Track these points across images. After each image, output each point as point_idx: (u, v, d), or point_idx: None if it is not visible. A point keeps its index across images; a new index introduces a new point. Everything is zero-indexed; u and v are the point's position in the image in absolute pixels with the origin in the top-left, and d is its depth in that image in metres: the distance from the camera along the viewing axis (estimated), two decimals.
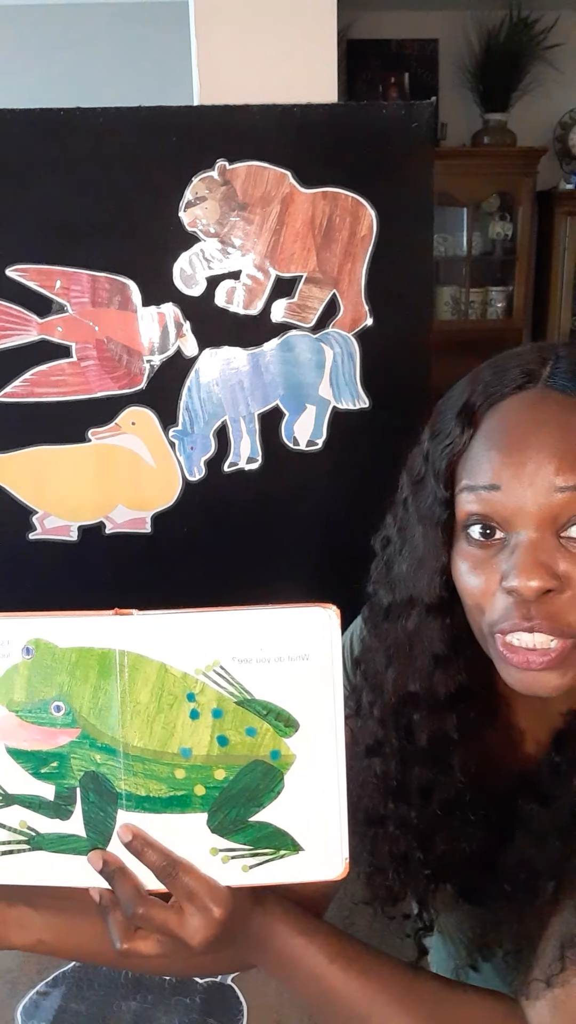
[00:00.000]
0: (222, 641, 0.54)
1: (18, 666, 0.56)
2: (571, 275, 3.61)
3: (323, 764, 0.54)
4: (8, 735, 0.56)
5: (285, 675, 0.54)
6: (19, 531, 1.64)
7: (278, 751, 0.54)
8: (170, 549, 1.65)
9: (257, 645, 0.54)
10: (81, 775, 0.56)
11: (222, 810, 0.55)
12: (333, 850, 0.55)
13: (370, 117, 1.56)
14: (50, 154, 1.50)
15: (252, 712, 0.54)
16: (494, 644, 0.58)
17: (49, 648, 0.56)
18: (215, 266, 1.55)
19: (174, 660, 0.54)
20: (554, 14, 3.45)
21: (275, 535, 1.63)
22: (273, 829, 0.55)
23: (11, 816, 0.57)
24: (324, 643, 0.54)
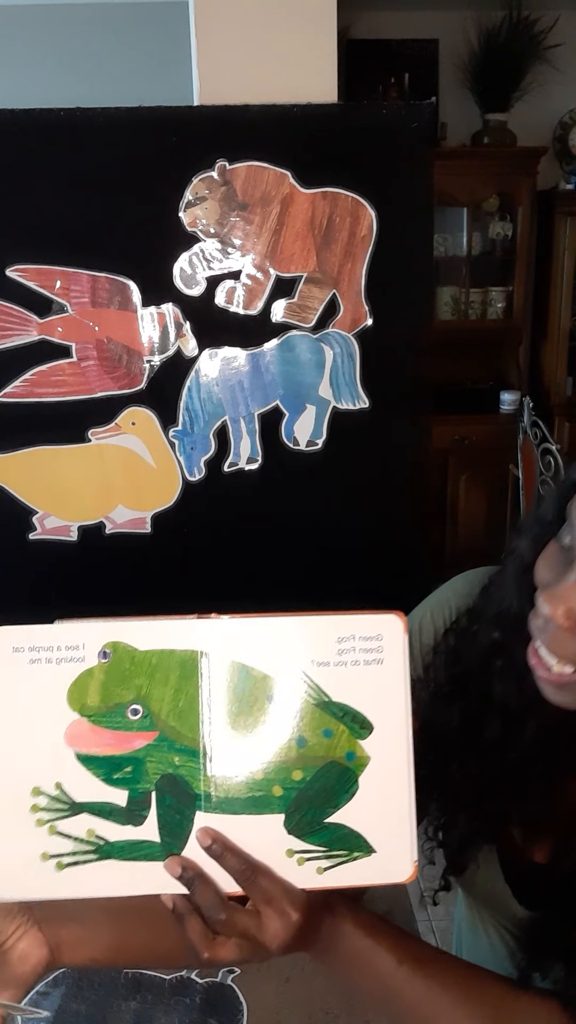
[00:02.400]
0: (302, 645, 0.55)
1: (93, 670, 0.56)
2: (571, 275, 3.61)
3: (396, 765, 0.56)
4: (79, 741, 0.56)
5: (360, 678, 0.55)
6: (19, 531, 1.64)
7: (353, 752, 0.55)
8: (170, 549, 1.65)
9: (335, 649, 0.55)
10: (157, 778, 0.55)
11: (299, 811, 0.56)
12: (404, 852, 0.56)
13: (370, 117, 1.57)
14: (50, 154, 1.50)
15: (329, 714, 0.55)
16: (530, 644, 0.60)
17: (128, 651, 0.56)
18: (215, 266, 1.55)
19: (255, 662, 0.55)
20: (554, 14, 3.44)
21: (275, 535, 1.63)
22: (347, 831, 0.56)
23: (78, 826, 0.56)
24: (397, 647, 0.55)
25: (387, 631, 0.55)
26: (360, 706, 0.55)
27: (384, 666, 0.55)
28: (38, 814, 0.56)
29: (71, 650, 0.56)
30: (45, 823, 0.56)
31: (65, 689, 0.56)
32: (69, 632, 0.56)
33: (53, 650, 0.56)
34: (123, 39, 3.23)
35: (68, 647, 0.56)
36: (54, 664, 0.56)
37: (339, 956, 0.62)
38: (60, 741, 0.56)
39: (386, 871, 0.56)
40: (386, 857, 0.56)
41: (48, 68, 3.24)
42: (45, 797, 0.56)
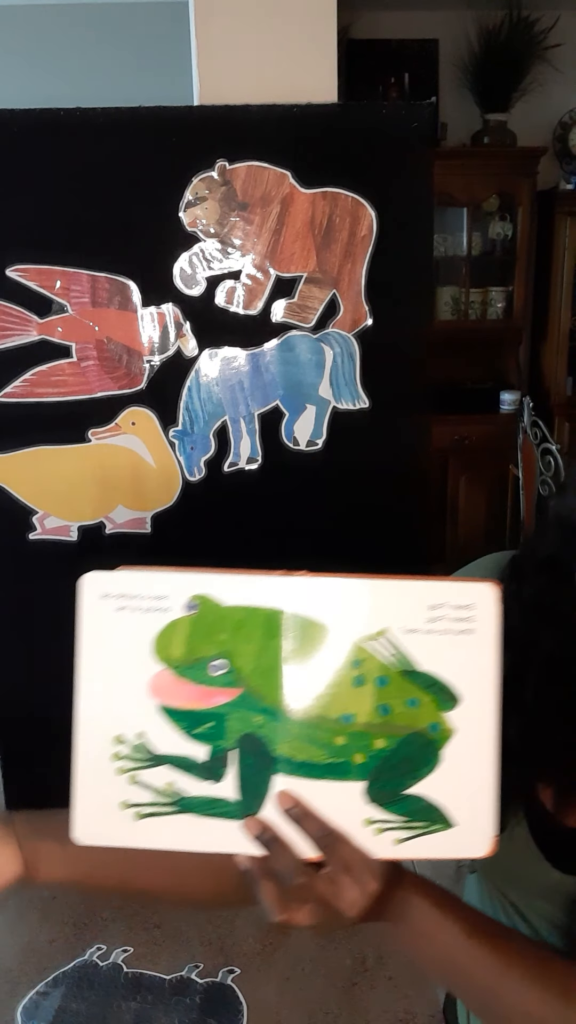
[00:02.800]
0: (391, 610, 0.54)
1: (179, 622, 0.55)
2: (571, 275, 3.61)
3: (481, 739, 0.54)
4: (163, 693, 0.55)
5: (450, 648, 0.54)
6: (19, 531, 1.64)
7: (437, 724, 0.54)
8: (170, 549, 1.65)
9: (425, 616, 0.54)
10: (238, 737, 0.55)
11: (379, 780, 0.55)
12: (483, 827, 0.55)
13: (370, 117, 1.57)
14: (50, 154, 1.50)
15: (415, 683, 0.54)
16: None
17: (213, 605, 0.55)
18: (215, 266, 1.55)
19: (342, 625, 0.54)
20: (554, 14, 3.45)
21: (275, 535, 1.63)
22: (427, 803, 0.55)
23: (158, 777, 0.55)
24: (490, 618, 0.54)
25: (480, 600, 0.54)
26: (448, 677, 0.54)
27: (475, 636, 0.54)
28: (119, 762, 0.56)
29: (158, 599, 0.55)
30: (126, 772, 0.56)
31: (152, 638, 0.55)
32: (157, 581, 0.56)
33: (141, 599, 0.56)
34: (123, 39, 3.23)
35: (156, 596, 0.56)
36: (141, 613, 0.55)
37: (408, 927, 0.61)
38: (144, 691, 0.55)
39: (464, 845, 0.55)
40: (465, 831, 0.55)
41: (48, 68, 3.24)
42: (127, 746, 0.56)
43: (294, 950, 1.11)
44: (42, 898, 1.22)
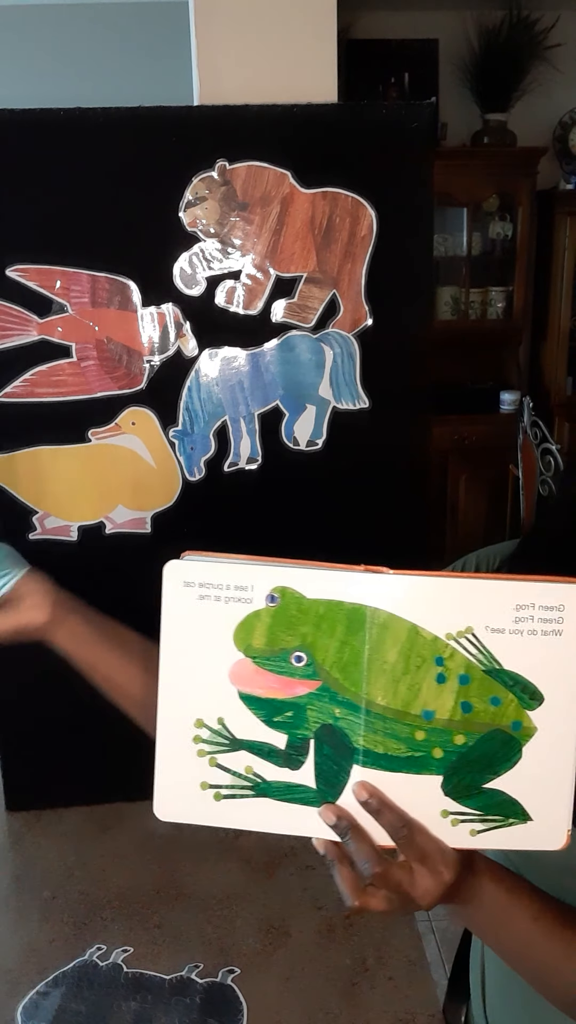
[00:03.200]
0: (477, 608, 0.54)
1: (260, 613, 0.55)
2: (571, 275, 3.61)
3: (563, 738, 0.55)
4: (243, 681, 0.56)
5: (536, 648, 0.54)
6: (19, 531, 1.64)
7: (520, 722, 0.55)
8: (170, 549, 1.65)
9: (512, 616, 0.54)
10: (317, 727, 0.56)
11: (458, 774, 0.56)
12: (560, 821, 0.56)
13: (370, 117, 1.57)
14: (50, 154, 1.50)
15: (499, 682, 0.54)
16: None
17: (296, 598, 0.55)
18: (215, 266, 1.55)
19: (426, 622, 0.54)
20: (554, 14, 3.45)
21: (275, 535, 1.63)
22: (505, 798, 0.56)
23: (237, 761, 0.57)
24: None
25: (571, 602, 0.53)
26: (532, 676, 0.54)
27: (562, 638, 0.54)
28: (200, 745, 0.57)
29: (240, 590, 0.56)
30: (206, 754, 0.57)
31: (232, 628, 0.56)
32: (239, 572, 0.56)
33: (223, 588, 0.56)
34: (123, 39, 3.23)
35: (237, 587, 0.56)
36: (223, 602, 0.56)
37: (479, 912, 0.63)
38: (224, 678, 0.56)
39: (540, 838, 0.56)
40: (541, 826, 0.56)
41: (48, 68, 3.24)
42: (207, 730, 0.57)
43: (294, 950, 1.11)
44: (42, 898, 1.23)
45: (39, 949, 1.12)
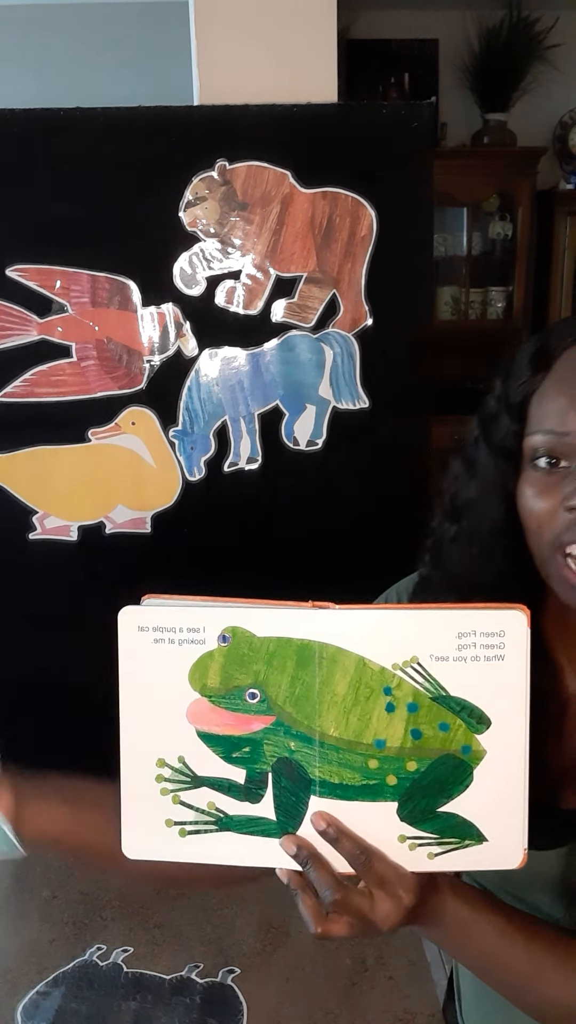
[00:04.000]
0: (420, 638, 0.56)
1: (213, 653, 0.57)
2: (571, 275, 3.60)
3: (512, 759, 0.56)
4: (200, 719, 0.58)
5: (480, 674, 0.56)
6: (19, 531, 1.64)
7: (469, 746, 0.56)
8: (170, 549, 1.65)
9: (454, 644, 0.56)
10: (274, 760, 0.57)
11: (412, 800, 0.57)
12: (515, 841, 0.57)
13: (370, 117, 1.57)
14: (50, 154, 1.50)
15: (446, 708, 0.56)
16: (554, 561, 0.62)
17: (246, 636, 0.57)
18: (215, 266, 1.55)
19: (373, 654, 0.56)
20: (554, 14, 3.44)
21: (275, 535, 1.63)
22: (460, 820, 0.57)
23: (199, 797, 0.59)
24: (520, 644, 0.55)
25: (510, 627, 0.55)
26: (478, 701, 0.56)
27: (505, 662, 0.55)
28: (163, 784, 0.59)
29: (192, 632, 0.58)
30: (169, 792, 0.59)
31: (187, 669, 0.58)
32: (191, 614, 0.58)
33: (176, 631, 0.58)
34: (123, 39, 3.23)
35: (190, 629, 0.58)
36: (176, 644, 0.58)
37: (443, 929, 0.64)
38: (182, 718, 0.58)
39: (496, 858, 0.58)
40: (497, 845, 0.57)
41: (48, 68, 3.24)
42: (169, 768, 0.59)
43: (294, 950, 1.11)
44: (42, 898, 1.22)
45: (39, 949, 1.12)
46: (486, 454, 0.72)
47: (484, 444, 0.72)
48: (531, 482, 0.64)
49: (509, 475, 0.68)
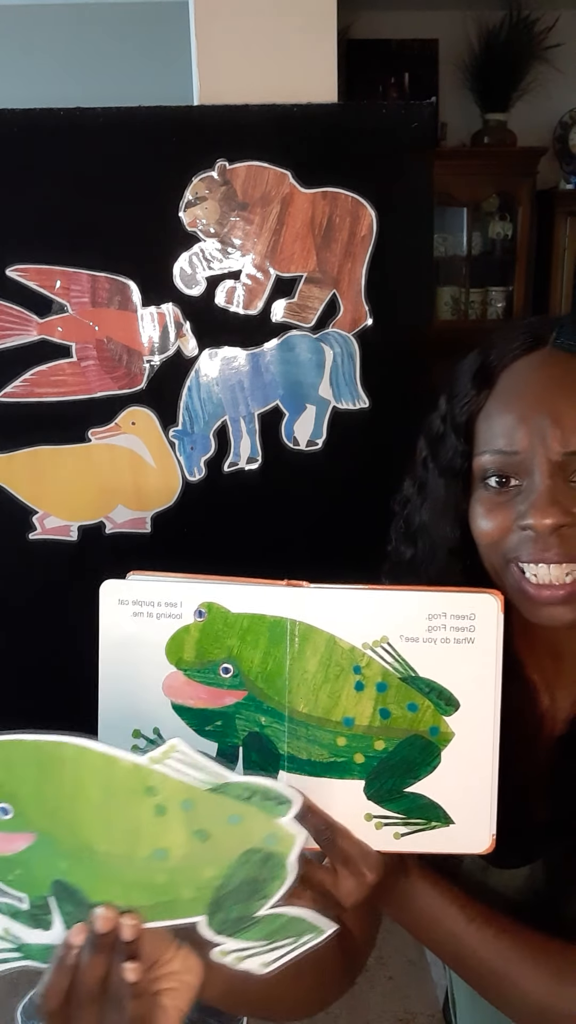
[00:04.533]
0: (391, 619, 0.55)
1: (189, 627, 0.57)
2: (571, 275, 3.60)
3: (480, 743, 0.56)
4: (175, 692, 0.58)
5: (450, 656, 0.55)
6: (19, 531, 1.64)
7: (437, 728, 0.56)
8: (170, 549, 1.65)
9: (425, 626, 0.55)
10: (245, 735, 0.57)
11: (379, 779, 0.57)
12: (482, 825, 0.57)
13: (370, 117, 1.56)
14: (50, 154, 1.50)
15: (415, 689, 0.55)
16: (510, 574, 0.62)
17: (222, 612, 0.57)
18: (215, 266, 1.55)
19: (343, 633, 0.55)
20: (554, 14, 3.44)
21: (275, 535, 1.63)
22: (426, 801, 0.57)
23: None
24: (490, 627, 0.55)
25: (481, 610, 0.55)
26: (447, 683, 0.55)
27: (475, 645, 0.55)
28: None
29: (170, 606, 0.58)
30: None
31: (164, 642, 0.57)
32: (169, 589, 0.58)
33: (154, 605, 0.58)
34: (123, 39, 3.23)
35: (168, 603, 0.58)
36: (155, 618, 0.58)
37: (412, 914, 0.64)
38: (158, 690, 0.58)
39: (463, 841, 0.57)
40: (464, 829, 0.57)
41: (48, 68, 3.24)
42: (144, 740, 0.58)
43: None
44: None
45: None
46: (435, 475, 0.72)
47: (433, 465, 0.73)
48: (482, 501, 0.64)
49: (460, 496, 0.68)
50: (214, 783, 0.50)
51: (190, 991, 0.55)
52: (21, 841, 0.50)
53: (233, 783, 0.50)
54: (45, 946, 0.52)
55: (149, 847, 0.50)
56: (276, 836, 0.50)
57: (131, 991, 0.50)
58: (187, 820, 0.49)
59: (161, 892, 0.50)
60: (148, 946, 0.52)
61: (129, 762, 0.49)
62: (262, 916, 0.52)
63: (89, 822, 0.49)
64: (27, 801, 0.50)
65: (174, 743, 0.49)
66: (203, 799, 0.49)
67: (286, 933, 0.53)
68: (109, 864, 0.50)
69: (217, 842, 0.50)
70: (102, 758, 0.49)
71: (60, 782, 0.49)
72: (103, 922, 0.49)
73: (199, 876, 0.50)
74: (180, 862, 0.50)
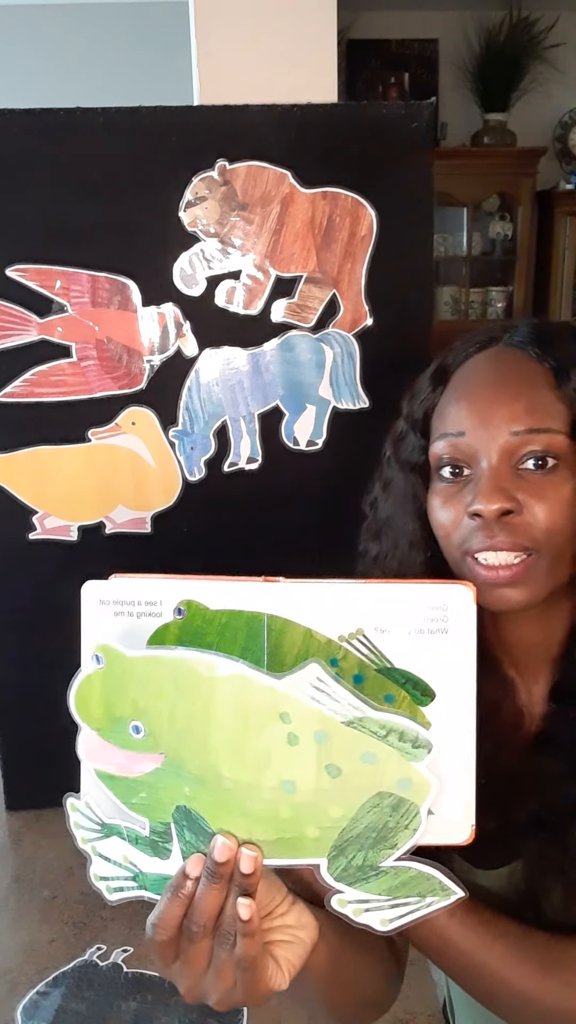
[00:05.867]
0: (366, 611, 0.55)
1: (169, 625, 0.56)
2: (571, 275, 3.60)
3: (457, 733, 0.55)
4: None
5: (424, 647, 0.55)
6: (19, 531, 1.64)
7: (414, 718, 0.55)
8: (170, 549, 1.65)
9: (398, 617, 0.55)
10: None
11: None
12: (462, 816, 0.56)
13: (370, 117, 1.56)
14: (50, 154, 1.50)
15: (391, 680, 0.55)
16: (466, 565, 0.63)
17: (200, 609, 0.56)
18: (215, 266, 1.55)
19: (319, 626, 0.55)
20: (554, 14, 3.44)
21: (274, 535, 1.63)
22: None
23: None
24: (464, 619, 0.55)
25: (453, 601, 0.55)
26: (423, 674, 0.55)
27: (448, 636, 0.55)
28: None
29: (150, 605, 0.57)
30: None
31: (144, 641, 0.56)
32: (148, 588, 0.57)
33: (134, 604, 0.57)
34: (123, 39, 3.23)
35: (147, 602, 0.57)
36: (135, 618, 0.57)
37: None
38: None
39: (444, 832, 0.56)
40: (444, 820, 0.55)
41: (48, 68, 3.24)
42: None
43: None
44: (42, 898, 1.22)
45: (39, 949, 1.12)
46: (397, 471, 0.73)
47: (395, 463, 0.74)
48: (437, 493, 0.66)
49: (419, 489, 0.69)
50: (350, 717, 0.48)
51: (303, 947, 0.54)
52: (149, 762, 0.50)
53: (369, 718, 0.49)
54: (162, 876, 0.51)
55: (277, 777, 0.48)
56: (410, 782, 0.49)
57: (243, 929, 0.49)
58: (319, 753, 0.48)
59: (285, 827, 0.49)
60: (261, 894, 0.52)
61: (264, 684, 0.48)
62: (387, 868, 0.50)
63: (219, 745, 0.49)
64: (160, 720, 0.50)
65: (313, 668, 0.48)
66: (337, 732, 0.48)
67: (410, 890, 0.51)
68: (235, 792, 0.49)
69: (348, 780, 0.48)
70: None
71: (193, 700, 0.49)
72: (222, 850, 0.48)
73: (325, 814, 0.49)
74: (307, 797, 0.49)
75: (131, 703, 0.51)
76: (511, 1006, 0.63)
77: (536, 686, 0.71)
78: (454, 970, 0.65)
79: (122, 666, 0.52)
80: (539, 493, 0.61)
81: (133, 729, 0.51)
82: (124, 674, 0.52)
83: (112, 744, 0.52)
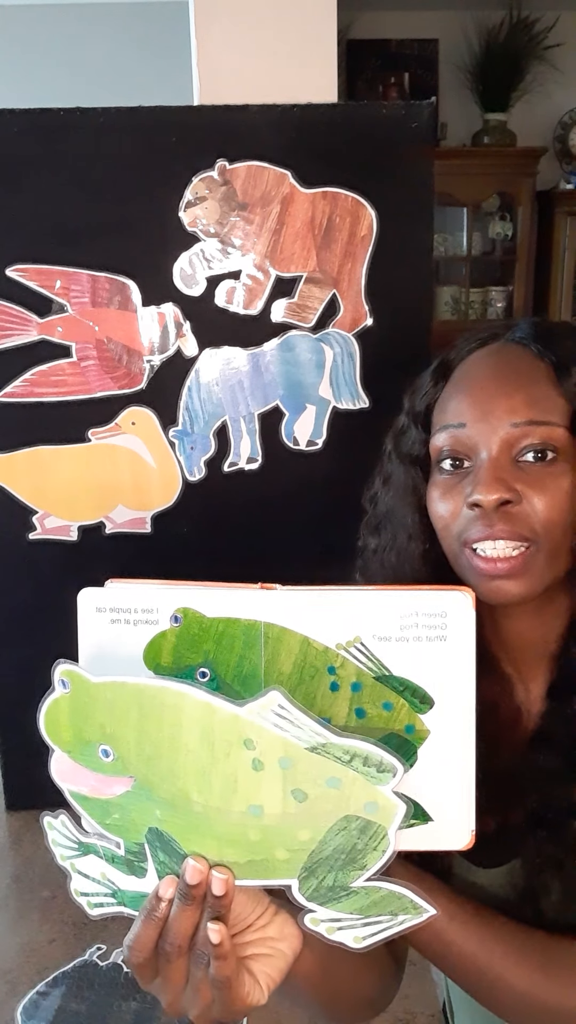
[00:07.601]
0: (364, 618, 0.55)
1: (166, 633, 0.56)
2: (571, 275, 3.60)
3: (456, 740, 0.55)
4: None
5: (423, 654, 0.54)
6: (19, 531, 1.64)
7: (413, 726, 0.55)
8: (170, 549, 1.65)
9: (397, 624, 0.55)
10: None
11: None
12: (462, 821, 0.56)
13: (370, 117, 1.57)
14: (50, 154, 1.50)
15: (389, 687, 0.55)
16: (464, 556, 0.63)
17: (197, 617, 0.56)
18: (215, 266, 1.55)
19: (316, 634, 0.55)
20: (554, 14, 3.44)
21: (275, 535, 1.63)
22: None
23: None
24: (462, 625, 0.55)
25: (453, 608, 0.55)
26: (421, 681, 0.55)
27: (447, 643, 0.54)
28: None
29: (147, 612, 0.57)
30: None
31: (141, 649, 0.56)
32: (145, 595, 0.57)
33: (131, 612, 0.57)
34: (123, 39, 3.23)
35: (144, 610, 0.57)
36: (132, 625, 0.57)
37: None
38: None
39: (443, 839, 0.56)
40: (444, 825, 0.56)
41: (48, 68, 3.24)
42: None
43: None
44: (42, 898, 1.23)
45: (39, 949, 1.12)
46: (398, 465, 0.74)
47: (396, 457, 0.74)
48: (437, 485, 0.66)
49: (419, 482, 0.70)
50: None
51: (283, 960, 0.54)
52: (120, 785, 0.51)
53: (333, 744, 0.49)
54: (140, 894, 0.52)
55: (245, 802, 0.49)
56: (377, 805, 0.49)
57: (215, 952, 0.49)
58: (284, 778, 0.49)
59: (255, 850, 0.50)
60: (240, 907, 0.52)
61: (228, 712, 0.48)
62: (358, 888, 0.51)
63: (186, 770, 0.49)
64: (127, 745, 0.50)
65: (274, 695, 0.48)
66: (302, 758, 0.49)
67: (382, 909, 0.51)
68: (204, 816, 0.49)
69: (314, 804, 0.49)
70: (202, 705, 0.49)
71: (159, 727, 0.49)
72: (193, 873, 0.49)
73: (294, 837, 0.50)
74: (275, 821, 0.49)
75: (99, 727, 0.51)
76: (512, 1007, 0.63)
77: (534, 684, 0.71)
78: (456, 972, 0.65)
79: (87, 692, 0.51)
80: (538, 485, 0.61)
81: (102, 753, 0.51)
82: (90, 700, 0.51)
83: (83, 767, 0.52)
